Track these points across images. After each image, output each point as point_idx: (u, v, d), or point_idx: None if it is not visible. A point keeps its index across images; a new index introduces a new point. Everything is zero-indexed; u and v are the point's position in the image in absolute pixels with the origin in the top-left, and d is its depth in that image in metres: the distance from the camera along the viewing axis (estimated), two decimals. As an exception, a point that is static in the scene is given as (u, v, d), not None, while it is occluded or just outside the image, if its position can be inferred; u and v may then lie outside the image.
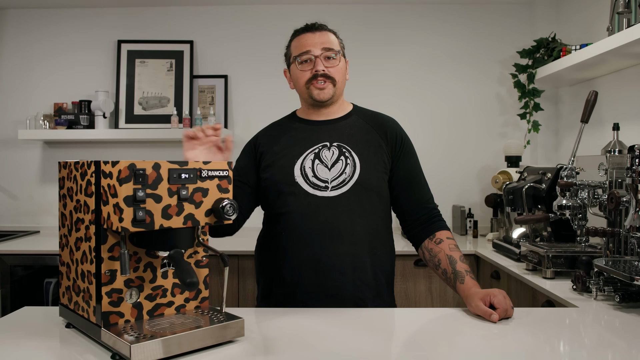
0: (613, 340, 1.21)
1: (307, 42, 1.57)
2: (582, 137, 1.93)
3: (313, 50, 1.55)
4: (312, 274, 1.49)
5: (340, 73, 1.59)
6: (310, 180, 1.52)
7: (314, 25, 1.59)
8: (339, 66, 1.58)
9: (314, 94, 1.57)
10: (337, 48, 1.58)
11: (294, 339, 1.17)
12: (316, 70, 1.55)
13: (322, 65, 1.55)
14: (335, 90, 1.58)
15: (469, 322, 1.29)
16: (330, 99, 1.58)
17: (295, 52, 1.58)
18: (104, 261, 1.09)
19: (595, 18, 2.70)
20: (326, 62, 1.56)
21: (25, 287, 2.71)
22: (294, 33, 1.63)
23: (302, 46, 1.57)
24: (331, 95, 1.58)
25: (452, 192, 3.26)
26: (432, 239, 1.54)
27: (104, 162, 1.08)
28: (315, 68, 1.55)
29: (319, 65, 1.55)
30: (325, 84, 1.56)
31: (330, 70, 1.56)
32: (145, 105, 3.25)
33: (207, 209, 1.14)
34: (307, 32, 1.58)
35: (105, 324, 1.10)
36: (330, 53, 1.56)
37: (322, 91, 1.56)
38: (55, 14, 3.32)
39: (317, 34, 1.57)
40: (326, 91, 1.57)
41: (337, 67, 1.58)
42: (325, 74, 1.55)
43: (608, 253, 1.65)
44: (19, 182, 3.33)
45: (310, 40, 1.57)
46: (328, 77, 1.56)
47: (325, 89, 1.56)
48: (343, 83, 1.62)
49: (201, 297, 1.25)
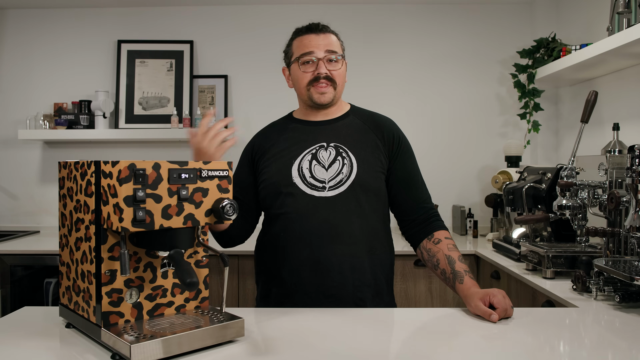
0: (613, 340, 1.21)
1: (310, 43, 1.55)
2: (582, 137, 1.93)
3: (316, 52, 1.54)
4: (311, 274, 1.49)
5: (342, 76, 1.58)
6: (307, 180, 1.52)
7: (317, 26, 1.58)
8: (341, 69, 1.58)
9: (315, 97, 1.56)
10: (340, 51, 1.58)
11: (294, 339, 1.17)
12: (318, 73, 1.54)
13: (325, 68, 1.54)
14: (336, 93, 1.58)
15: (468, 322, 1.29)
16: (331, 102, 1.58)
17: (298, 53, 1.57)
18: (104, 261, 1.09)
19: (595, 18, 2.70)
20: (329, 64, 1.55)
21: (25, 287, 2.71)
22: (296, 32, 1.61)
23: (305, 47, 1.56)
24: (331, 99, 1.57)
25: (452, 192, 3.26)
26: (431, 239, 1.54)
27: (104, 162, 1.08)
28: (317, 70, 1.54)
29: (321, 67, 1.54)
30: (326, 87, 1.55)
31: (332, 73, 1.55)
32: (145, 105, 3.25)
33: (207, 209, 1.14)
34: (310, 33, 1.57)
35: (105, 324, 1.10)
36: (333, 56, 1.55)
37: (323, 95, 1.56)
38: (55, 14, 3.32)
39: (321, 36, 1.56)
40: (327, 95, 1.56)
41: (339, 71, 1.57)
42: (328, 76, 1.55)
43: (608, 253, 1.65)
44: (19, 182, 3.33)
45: (314, 41, 1.55)
46: (330, 80, 1.55)
47: (326, 92, 1.56)
48: (343, 86, 1.61)
49: (201, 297, 1.25)
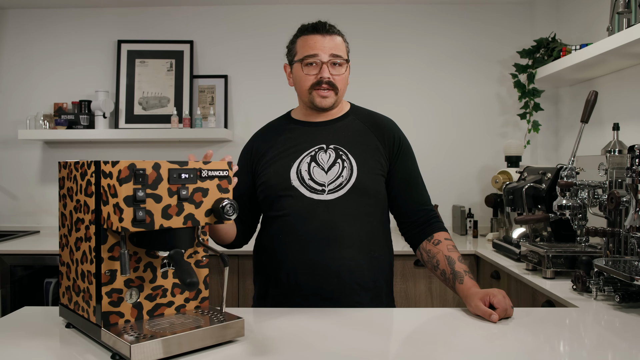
0: (613, 340, 1.21)
1: (315, 45, 1.51)
2: (582, 137, 1.93)
3: (321, 55, 1.51)
4: (309, 277, 1.48)
5: (344, 81, 1.56)
6: (306, 183, 1.50)
7: (324, 26, 1.53)
8: (344, 74, 1.55)
9: (317, 102, 1.54)
10: (345, 55, 1.54)
11: (294, 339, 1.17)
12: (321, 77, 1.51)
13: (328, 73, 1.51)
14: (337, 98, 1.55)
15: (468, 322, 1.29)
16: (332, 106, 1.56)
17: (302, 53, 1.53)
18: (104, 261, 1.10)
19: (595, 18, 2.70)
20: (332, 69, 1.52)
21: (25, 287, 2.71)
22: (301, 29, 1.56)
23: (310, 48, 1.52)
24: (332, 104, 1.55)
25: (452, 192, 3.27)
26: (430, 240, 1.53)
27: (104, 162, 1.08)
28: (321, 74, 1.51)
29: (325, 72, 1.51)
30: (328, 92, 1.53)
31: (335, 78, 1.52)
32: (145, 105, 3.25)
33: (207, 209, 1.14)
34: (316, 34, 1.53)
35: (105, 324, 1.10)
36: (338, 60, 1.52)
37: (324, 99, 1.53)
38: (55, 14, 3.33)
39: (327, 38, 1.52)
40: (329, 100, 1.54)
41: (343, 76, 1.54)
42: (330, 81, 1.52)
43: (608, 253, 1.65)
44: (19, 182, 3.33)
45: (320, 43, 1.52)
46: (332, 85, 1.52)
47: (328, 97, 1.53)
48: (345, 90, 1.59)
49: (201, 297, 1.25)
